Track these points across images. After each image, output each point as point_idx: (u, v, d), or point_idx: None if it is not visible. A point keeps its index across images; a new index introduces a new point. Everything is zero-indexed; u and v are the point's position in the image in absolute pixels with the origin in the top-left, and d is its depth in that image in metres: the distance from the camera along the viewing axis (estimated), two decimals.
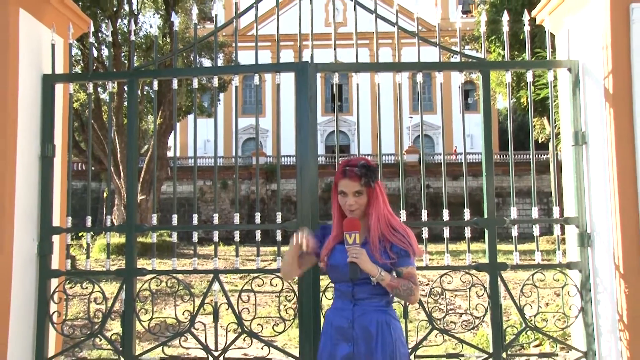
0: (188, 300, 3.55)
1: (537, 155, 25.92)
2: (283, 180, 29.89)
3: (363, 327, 2.20)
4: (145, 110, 21.80)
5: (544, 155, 26.44)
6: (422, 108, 3.68)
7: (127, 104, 4.42)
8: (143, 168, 20.00)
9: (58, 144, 3.62)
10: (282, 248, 3.16)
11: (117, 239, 13.79)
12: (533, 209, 3.49)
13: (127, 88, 3.72)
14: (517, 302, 3.38)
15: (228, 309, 3.45)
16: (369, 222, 2.23)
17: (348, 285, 2.24)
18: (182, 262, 13.03)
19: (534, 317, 3.46)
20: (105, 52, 19.87)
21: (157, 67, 3.71)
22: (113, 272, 3.56)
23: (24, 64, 3.37)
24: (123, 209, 19.65)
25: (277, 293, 3.52)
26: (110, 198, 4.03)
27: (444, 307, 3.48)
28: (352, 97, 42.71)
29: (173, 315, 3.66)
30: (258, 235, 3.58)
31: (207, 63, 22.44)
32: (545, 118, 17.61)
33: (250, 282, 3.52)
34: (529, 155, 3.68)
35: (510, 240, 3.50)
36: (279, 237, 3.57)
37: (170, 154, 21.22)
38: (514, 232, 3.45)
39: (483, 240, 3.55)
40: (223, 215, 29.61)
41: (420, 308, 3.41)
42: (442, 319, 3.49)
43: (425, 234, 3.45)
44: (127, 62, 18.45)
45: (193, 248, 3.64)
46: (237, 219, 3.69)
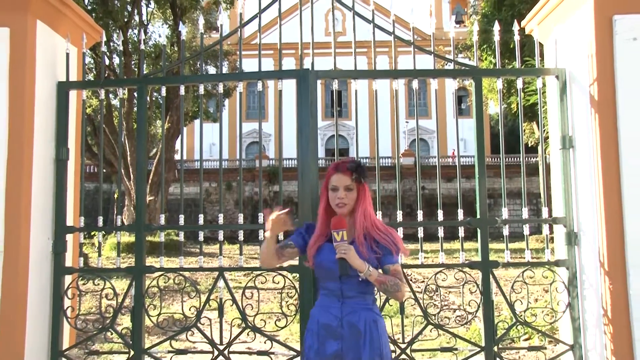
0: (194, 297, 3.63)
1: (527, 158, 25.85)
2: (285, 182, 29.91)
3: (351, 324, 2.21)
4: (154, 115, 22.16)
5: (534, 158, 26.55)
6: (417, 113, 3.79)
7: (136, 110, 4.58)
8: (152, 170, 20.31)
9: (72, 148, 3.69)
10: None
11: (127, 238, 13.98)
12: (523, 210, 3.57)
13: (136, 94, 3.87)
14: (508, 298, 3.44)
15: (232, 305, 3.53)
16: (356, 219, 2.27)
17: (336, 283, 2.25)
18: (188, 260, 13.09)
19: (524, 312, 3.56)
20: (117, 60, 20.27)
21: (165, 74, 3.78)
22: (123, 269, 3.61)
23: (41, 72, 3.44)
24: (133, 210, 19.83)
25: (279, 290, 3.60)
26: (121, 199, 4.17)
27: (439, 303, 3.54)
28: (351, 102, 42.93)
29: (180, 311, 3.75)
30: (261, 235, 3.68)
31: (212, 70, 22.62)
32: (535, 123, 17.84)
33: (254, 279, 3.57)
34: (520, 158, 3.72)
35: (502, 239, 3.56)
36: (281, 236, 3.69)
37: (178, 157, 21.51)
38: (505, 231, 3.52)
39: (476, 240, 3.59)
40: (228, 216, 29.62)
41: (416, 304, 3.48)
42: (436, 315, 3.54)
43: (421, 234, 3.53)
44: (137, 69, 18.67)
45: (199, 247, 3.72)
46: (241, 219, 3.74)
